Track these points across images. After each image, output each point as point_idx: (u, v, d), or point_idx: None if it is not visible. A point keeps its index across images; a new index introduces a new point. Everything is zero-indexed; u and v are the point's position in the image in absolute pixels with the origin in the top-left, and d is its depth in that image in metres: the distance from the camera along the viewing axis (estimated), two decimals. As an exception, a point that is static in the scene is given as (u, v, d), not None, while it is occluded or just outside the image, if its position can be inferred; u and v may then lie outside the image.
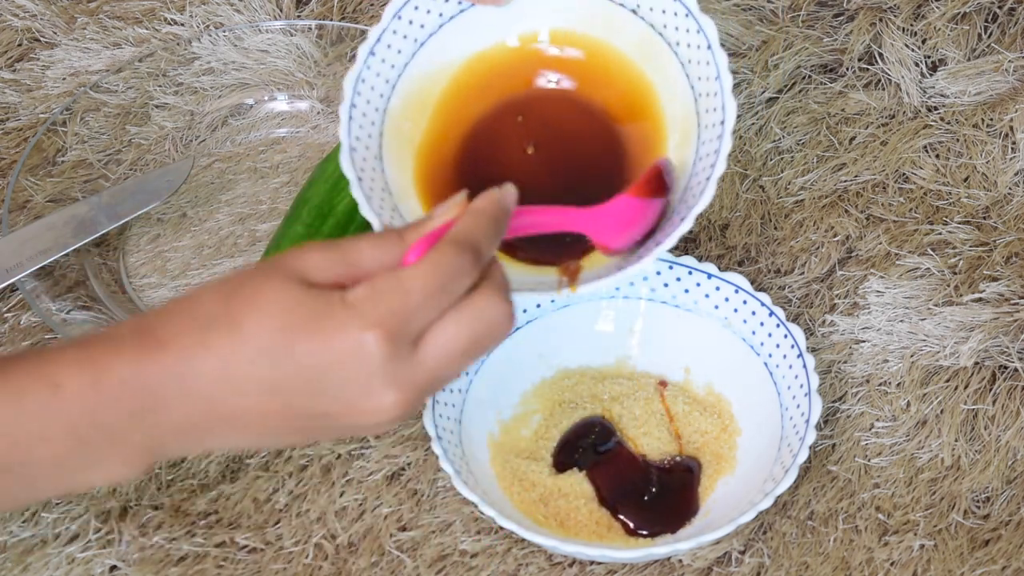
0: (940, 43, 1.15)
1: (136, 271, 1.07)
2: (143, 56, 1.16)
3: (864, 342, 1.01)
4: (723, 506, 0.92)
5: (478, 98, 0.95)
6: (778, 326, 0.96)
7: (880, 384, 0.99)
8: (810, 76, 1.15)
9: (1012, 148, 1.10)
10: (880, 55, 1.15)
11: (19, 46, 1.20)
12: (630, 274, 0.87)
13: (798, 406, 0.93)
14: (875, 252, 1.05)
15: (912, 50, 1.15)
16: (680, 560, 0.91)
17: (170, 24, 1.20)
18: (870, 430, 0.97)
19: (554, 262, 0.90)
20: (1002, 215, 1.07)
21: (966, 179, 1.09)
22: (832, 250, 1.06)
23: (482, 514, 0.93)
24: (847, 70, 1.15)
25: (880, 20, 1.16)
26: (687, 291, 0.99)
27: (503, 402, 0.97)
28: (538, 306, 0.99)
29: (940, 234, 1.06)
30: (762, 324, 0.96)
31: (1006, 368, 0.99)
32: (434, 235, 0.75)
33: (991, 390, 0.98)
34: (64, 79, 1.17)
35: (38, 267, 1.02)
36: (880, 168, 1.10)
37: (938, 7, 1.16)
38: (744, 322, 0.97)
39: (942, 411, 0.97)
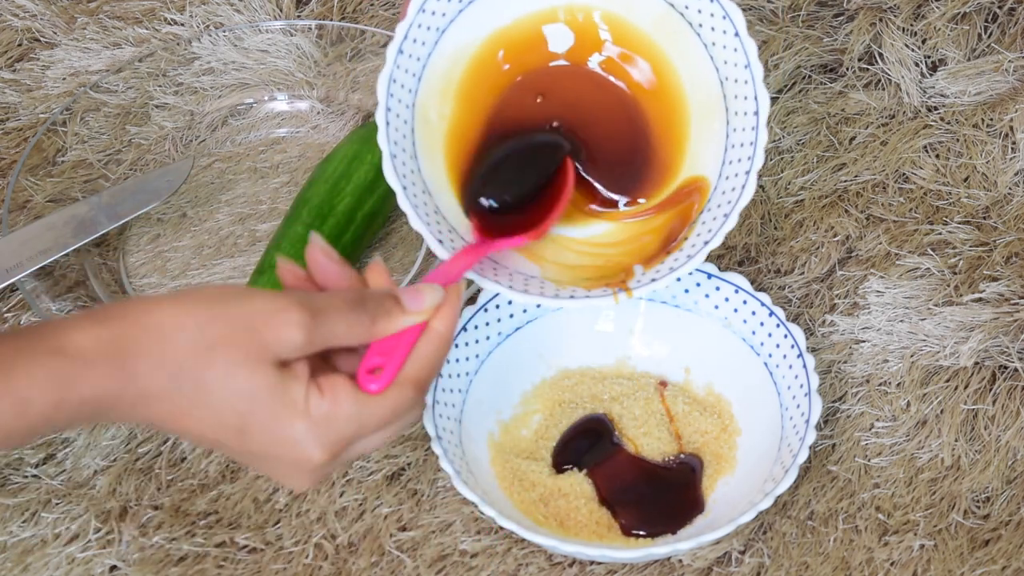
0: (940, 43, 1.15)
1: (136, 271, 1.07)
2: (143, 56, 1.16)
3: (864, 342, 1.01)
4: (723, 506, 0.92)
5: (498, 78, 0.96)
6: (778, 326, 0.96)
7: (880, 384, 0.99)
8: (810, 76, 1.15)
9: (1012, 148, 1.10)
10: (880, 55, 1.15)
11: (19, 46, 1.20)
12: (681, 273, 0.91)
13: (798, 406, 0.93)
14: (875, 252, 1.05)
15: (912, 50, 1.15)
16: (680, 560, 0.91)
17: (170, 24, 1.20)
18: (870, 430, 0.97)
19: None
20: (1002, 215, 1.07)
21: (966, 179, 1.09)
22: (832, 250, 1.06)
23: (482, 514, 0.93)
24: (847, 70, 1.15)
25: (880, 20, 1.16)
26: (687, 291, 0.99)
27: (503, 402, 0.97)
28: (538, 306, 0.99)
29: (940, 234, 1.06)
30: (762, 324, 0.96)
31: (1006, 368, 0.99)
32: (401, 337, 0.81)
33: (991, 390, 0.98)
34: (64, 79, 1.17)
35: (38, 267, 1.02)
36: (880, 168, 1.10)
37: (938, 7, 1.16)
38: (744, 322, 0.97)
39: (942, 411, 0.97)
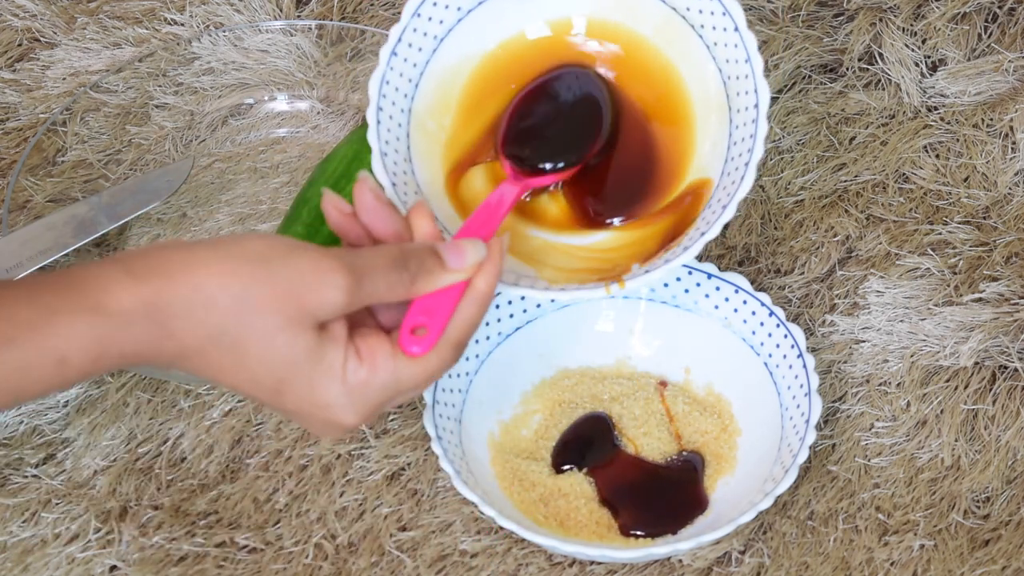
0: (940, 43, 1.15)
1: (136, 271, 1.07)
2: (143, 56, 1.16)
3: (864, 342, 1.01)
4: (723, 506, 0.92)
5: (500, 90, 0.95)
6: (778, 326, 0.96)
7: (880, 384, 0.99)
8: (810, 76, 1.15)
9: (1012, 148, 1.10)
10: (880, 55, 1.15)
11: (19, 46, 1.20)
12: (677, 263, 0.89)
13: (798, 406, 0.93)
14: (875, 252, 1.05)
15: (912, 50, 1.15)
16: (680, 560, 0.91)
17: (170, 24, 1.20)
18: (870, 430, 0.97)
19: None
20: (1002, 215, 1.07)
21: (966, 179, 1.09)
22: (832, 250, 1.06)
23: (482, 514, 0.93)
24: (847, 70, 1.15)
25: (880, 20, 1.16)
26: (687, 291, 0.99)
27: (503, 402, 0.97)
28: (538, 306, 0.99)
29: (940, 234, 1.06)
30: (762, 324, 0.96)
31: (1006, 368, 0.99)
32: (443, 294, 0.80)
33: (991, 390, 0.98)
34: (64, 79, 1.17)
35: (38, 267, 1.02)
36: (880, 168, 1.10)
37: (938, 7, 1.16)
38: (744, 322, 0.97)
39: (942, 411, 0.97)
